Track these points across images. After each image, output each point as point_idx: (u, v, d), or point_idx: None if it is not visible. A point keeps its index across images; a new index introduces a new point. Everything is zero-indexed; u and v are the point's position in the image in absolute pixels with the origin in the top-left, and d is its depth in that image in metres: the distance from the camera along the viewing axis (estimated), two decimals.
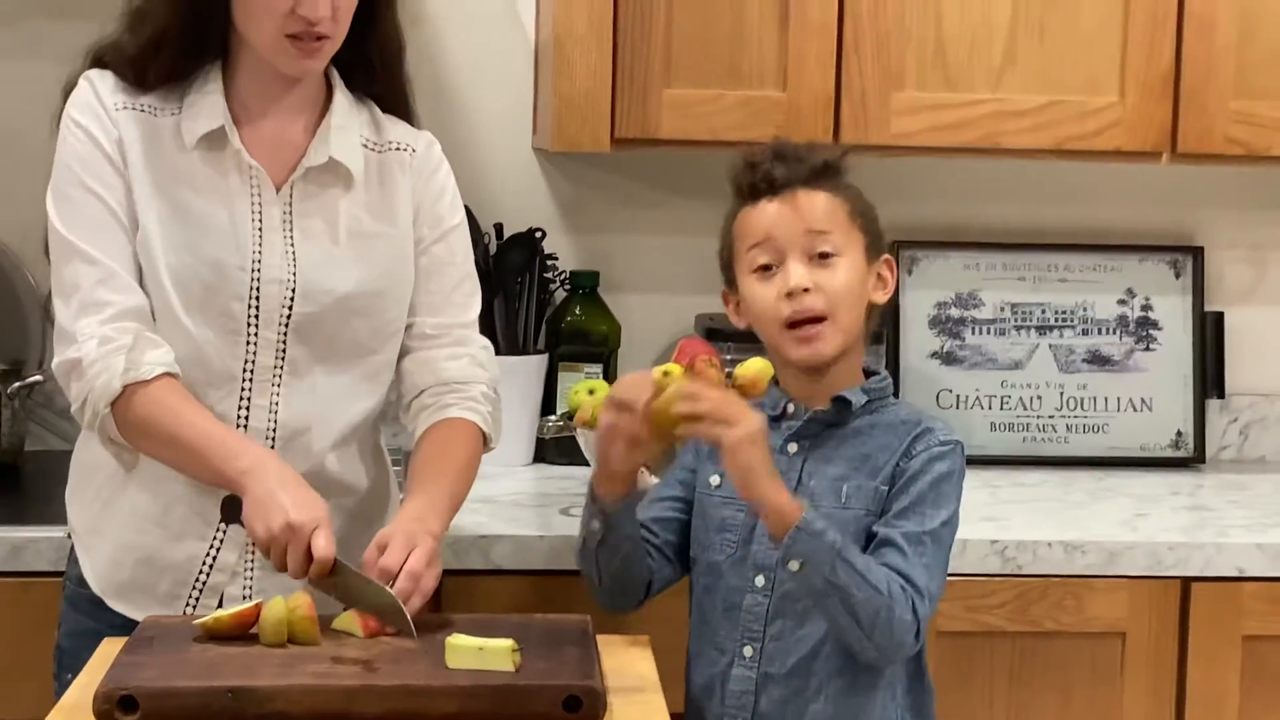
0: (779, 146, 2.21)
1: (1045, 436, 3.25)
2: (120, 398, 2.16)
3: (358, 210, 2.29)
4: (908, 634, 2.07)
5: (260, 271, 2.23)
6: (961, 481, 2.17)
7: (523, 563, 2.55)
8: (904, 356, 3.23)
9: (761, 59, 2.87)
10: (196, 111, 2.24)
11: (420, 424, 2.32)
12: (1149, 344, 3.27)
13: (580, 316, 3.14)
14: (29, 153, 2.46)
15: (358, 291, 2.27)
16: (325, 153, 2.27)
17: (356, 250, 2.28)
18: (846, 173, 2.22)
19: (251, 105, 2.26)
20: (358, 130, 2.32)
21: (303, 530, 2.07)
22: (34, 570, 2.50)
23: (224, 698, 1.83)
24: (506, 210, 3.13)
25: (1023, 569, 2.61)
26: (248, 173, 2.25)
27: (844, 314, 2.15)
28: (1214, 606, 2.64)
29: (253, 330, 2.24)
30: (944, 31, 2.90)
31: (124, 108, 2.24)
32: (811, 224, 2.15)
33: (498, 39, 3.16)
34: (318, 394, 2.28)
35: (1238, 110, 2.92)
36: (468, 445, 2.30)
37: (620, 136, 2.85)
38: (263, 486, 2.10)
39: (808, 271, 2.14)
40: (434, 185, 2.37)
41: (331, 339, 2.27)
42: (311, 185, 2.27)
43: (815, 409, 2.19)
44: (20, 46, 3.06)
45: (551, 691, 1.86)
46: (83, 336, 2.18)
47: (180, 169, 2.24)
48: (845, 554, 2.03)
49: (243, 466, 2.13)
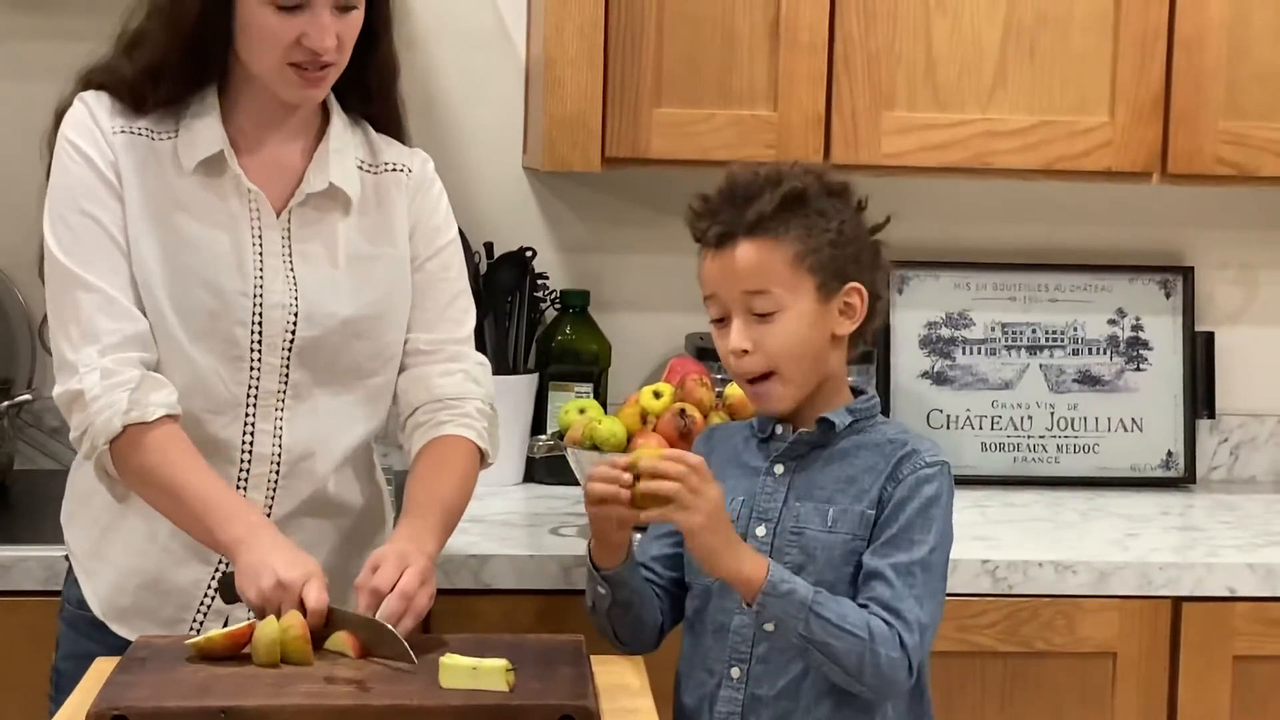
0: (731, 187, 2.16)
1: (1036, 456, 3.25)
2: (121, 436, 2.14)
3: (355, 234, 2.29)
4: (898, 671, 2.06)
5: (263, 297, 2.22)
6: (950, 503, 2.16)
7: (514, 582, 2.54)
8: (894, 376, 3.23)
9: (752, 79, 2.87)
10: (194, 136, 2.23)
11: (415, 442, 2.31)
12: (1139, 364, 3.28)
13: (570, 336, 3.14)
14: (18, 173, 2.45)
15: (358, 315, 2.27)
16: (325, 178, 2.26)
17: (356, 274, 2.28)
18: (810, 202, 2.13)
19: (249, 130, 2.25)
20: (353, 153, 2.31)
21: (293, 586, 2.04)
22: (23, 590, 2.50)
23: (217, 718, 1.82)
24: (497, 229, 3.13)
25: (1013, 589, 2.61)
26: (247, 197, 2.23)
27: (789, 367, 2.12)
28: (1205, 627, 2.64)
29: (256, 356, 2.23)
30: (934, 51, 2.90)
31: (121, 131, 2.22)
32: (747, 283, 2.12)
33: (488, 59, 3.17)
34: (320, 417, 2.27)
35: (1227, 131, 2.93)
36: (463, 463, 2.30)
37: (611, 156, 2.85)
38: (255, 554, 2.08)
39: (746, 332, 2.12)
40: (428, 203, 2.37)
41: (333, 362, 2.27)
42: (310, 210, 2.27)
43: (801, 430, 2.19)
44: (9, 67, 3.06)
45: (546, 711, 1.86)
46: (84, 367, 2.15)
47: (179, 194, 2.22)
48: (817, 608, 2.03)
49: (237, 535, 2.10)
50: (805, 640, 2.03)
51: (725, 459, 2.22)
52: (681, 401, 2.66)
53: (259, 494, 2.25)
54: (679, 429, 2.61)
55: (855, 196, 2.19)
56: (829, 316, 2.14)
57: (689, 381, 2.69)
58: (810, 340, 2.13)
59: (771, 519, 2.15)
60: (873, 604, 2.07)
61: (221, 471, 2.20)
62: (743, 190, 2.14)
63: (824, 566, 2.11)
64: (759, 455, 2.20)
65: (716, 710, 2.16)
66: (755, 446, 2.22)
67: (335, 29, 2.16)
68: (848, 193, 2.18)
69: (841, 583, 2.11)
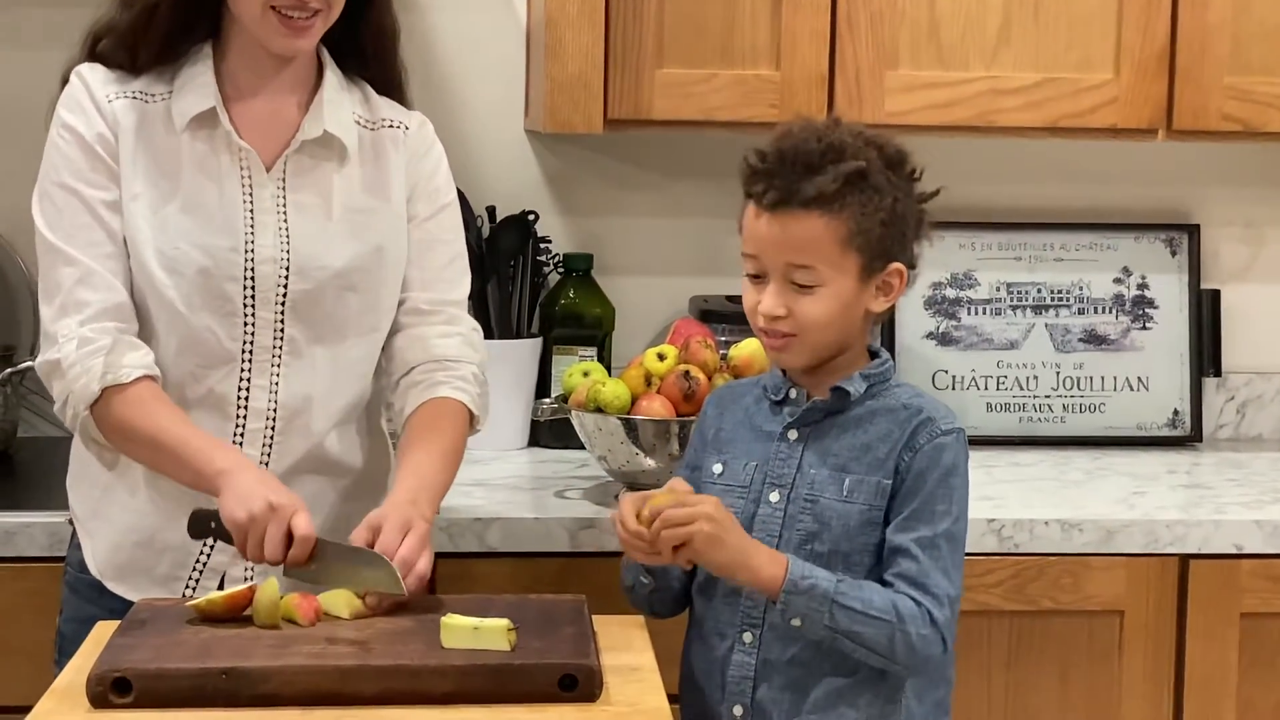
0: (792, 151, 2.09)
1: (1042, 416, 3.24)
2: (99, 400, 2.16)
3: (351, 185, 2.29)
4: (932, 647, 2.06)
5: (254, 252, 2.22)
6: (967, 469, 2.15)
7: (518, 545, 2.54)
8: (900, 337, 3.22)
9: (754, 38, 2.86)
10: (187, 92, 2.23)
11: (410, 401, 2.31)
12: (1145, 323, 3.26)
13: (574, 299, 3.13)
14: (23, 139, 2.45)
15: (351, 266, 2.26)
16: (320, 126, 2.26)
17: (350, 225, 2.27)
18: (870, 178, 2.08)
19: (243, 84, 2.26)
20: (350, 107, 2.31)
21: (284, 510, 2.06)
22: (28, 555, 2.50)
23: (218, 679, 1.82)
24: (499, 193, 3.12)
25: (1020, 548, 2.60)
26: (238, 155, 2.24)
27: (816, 335, 2.10)
28: (1212, 584, 2.63)
29: (249, 311, 2.23)
30: (938, 9, 2.89)
31: (116, 97, 2.23)
32: (794, 256, 2.08)
33: (489, 21, 3.15)
34: (317, 372, 2.27)
35: (1233, 86, 2.91)
36: (456, 425, 2.29)
37: (613, 118, 2.84)
38: (243, 482, 2.09)
39: (782, 298, 2.09)
40: (428, 163, 2.36)
41: (328, 316, 2.26)
42: (305, 159, 2.27)
43: (815, 398, 2.17)
44: (14, 33, 3.05)
45: (547, 670, 1.85)
46: (63, 338, 2.18)
47: (171, 153, 2.23)
48: (840, 598, 2.03)
49: (221, 467, 2.12)
50: (832, 631, 2.03)
51: (737, 421, 2.21)
52: (685, 364, 2.65)
53: (255, 449, 2.25)
54: (683, 391, 2.60)
55: (910, 166, 2.15)
56: (866, 294, 2.12)
57: (693, 344, 2.68)
58: (844, 316, 2.11)
59: (785, 484, 2.14)
60: (900, 581, 2.06)
61: (217, 426, 2.22)
62: (804, 159, 2.08)
63: (840, 535, 2.10)
64: (772, 419, 2.18)
65: (729, 675, 2.15)
66: (768, 409, 2.20)
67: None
68: (905, 163, 2.15)
69: (857, 552, 2.10)
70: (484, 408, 2.35)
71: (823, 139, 2.10)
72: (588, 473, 2.86)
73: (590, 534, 2.53)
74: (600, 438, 2.61)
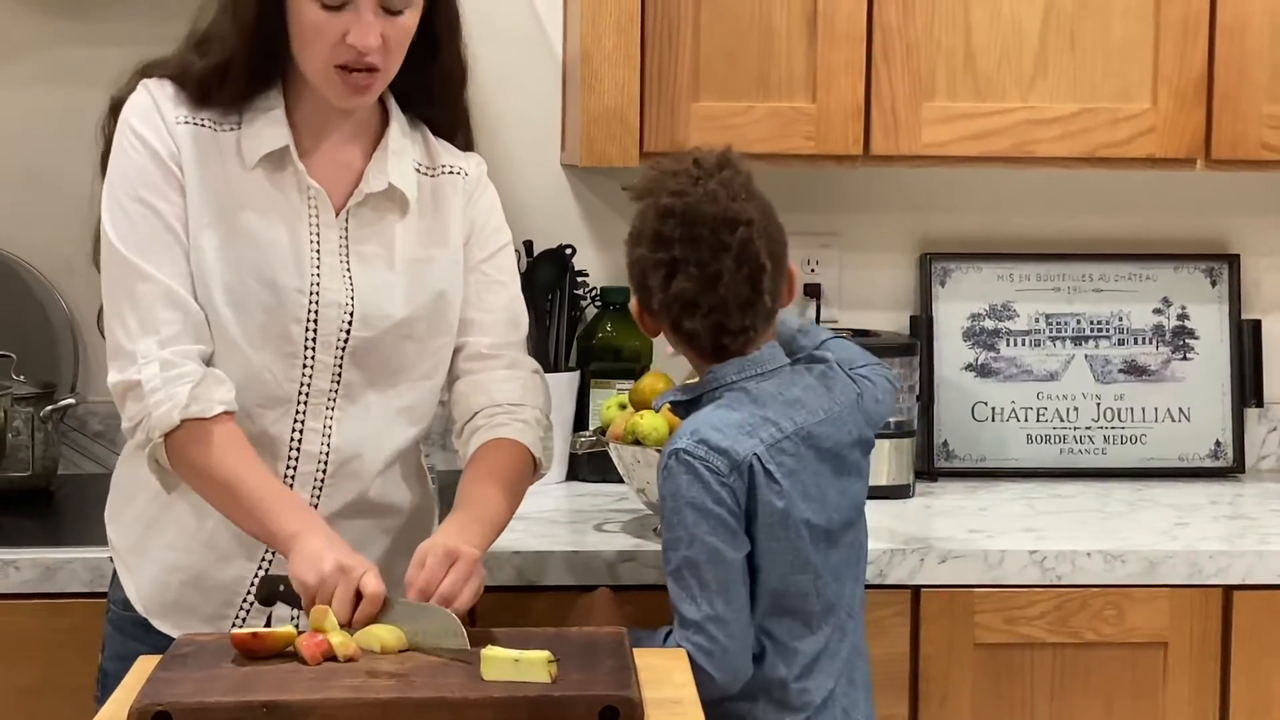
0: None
1: (1082, 448, 3.22)
2: (178, 430, 2.14)
3: (411, 236, 2.28)
4: (710, 667, 2.12)
5: (319, 295, 2.22)
6: (691, 491, 2.14)
7: (559, 579, 2.53)
8: (938, 369, 3.21)
9: (790, 70, 2.86)
10: (258, 130, 2.22)
11: (473, 445, 2.29)
12: (1186, 353, 3.25)
13: (611, 333, 3.13)
14: (60, 179, 2.46)
15: (413, 316, 2.26)
16: (384, 179, 2.26)
17: (411, 275, 2.27)
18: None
19: (309, 130, 2.25)
20: (412, 156, 2.31)
21: (353, 571, 2.04)
22: (68, 592, 2.50)
23: (259, 712, 1.82)
24: (536, 227, 3.12)
25: (1062, 579, 2.59)
26: (307, 194, 2.23)
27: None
28: (1256, 615, 2.61)
29: (309, 353, 2.22)
30: (974, 41, 2.88)
31: (184, 122, 2.21)
32: None
33: (525, 55, 3.16)
34: (370, 417, 2.27)
35: (1272, 115, 2.90)
36: (514, 464, 2.27)
37: (649, 150, 2.84)
38: (313, 544, 2.08)
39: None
40: (483, 205, 2.37)
41: (385, 363, 2.26)
42: (368, 211, 2.26)
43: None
44: (49, 72, 3.06)
45: (588, 702, 1.84)
46: (143, 358, 2.15)
47: (239, 188, 2.22)
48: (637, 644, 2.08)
49: (293, 528, 2.10)
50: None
51: None
52: None
53: (305, 492, 2.24)
54: None
55: None
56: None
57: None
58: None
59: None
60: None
61: (268, 468, 2.20)
62: None
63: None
64: None
65: None
66: None
67: (380, 30, 2.15)
68: None
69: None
70: (547, 452, 2.33)
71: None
72: (627, 506, 2.85)
73: (630, 567, 2.53)
74: (639, 470, 2.61)
